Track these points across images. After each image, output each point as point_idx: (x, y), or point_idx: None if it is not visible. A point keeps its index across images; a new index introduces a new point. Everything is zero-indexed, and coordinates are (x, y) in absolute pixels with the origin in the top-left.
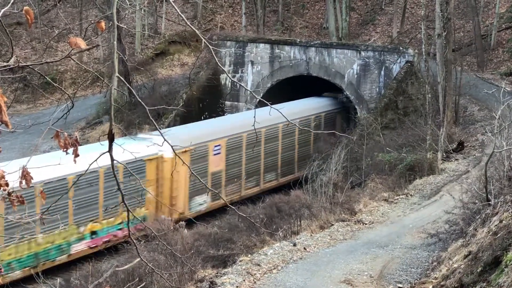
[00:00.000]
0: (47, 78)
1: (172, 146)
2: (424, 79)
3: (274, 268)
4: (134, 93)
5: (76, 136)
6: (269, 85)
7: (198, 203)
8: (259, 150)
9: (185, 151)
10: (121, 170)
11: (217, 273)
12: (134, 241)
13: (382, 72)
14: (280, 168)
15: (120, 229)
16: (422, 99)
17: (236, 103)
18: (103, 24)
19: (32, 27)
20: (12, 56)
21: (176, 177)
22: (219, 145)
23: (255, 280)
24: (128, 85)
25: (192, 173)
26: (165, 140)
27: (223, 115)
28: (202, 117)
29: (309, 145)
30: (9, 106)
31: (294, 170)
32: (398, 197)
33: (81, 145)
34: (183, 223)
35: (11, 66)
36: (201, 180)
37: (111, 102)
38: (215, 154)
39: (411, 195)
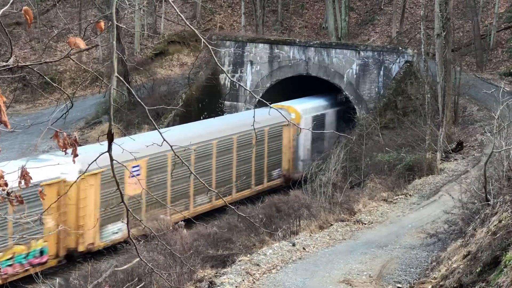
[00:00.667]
0: (46, 78)
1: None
2: (423, 79)
3: (273, 268)
4: (134, 93)
5: (75, 136)
6: (268, 85)
7: (112, 232)
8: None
9: (95, 174)
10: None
11: (216, 273)
12: (134, 241)
13: (381, 72)
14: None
15: (10, 265)
16: (421, 99)
17: (235, 103)
18: (102, 24)
19: (31, 27)
20: (11, 56)
21: (83, 203)
22: (138, 166)
23: (254, 280)
24: (127, 85)
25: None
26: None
27: (222, 114)
28: (202, 117)
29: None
30: (8, 106)
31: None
32: (397, 197)
33: (80, 145)
34: (182, 223)
35: (10, 66)
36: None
37: (111, 102)
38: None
39: (410, 195)
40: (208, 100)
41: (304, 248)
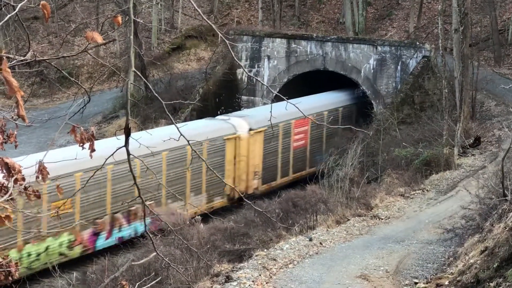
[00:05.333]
0: (64, 73)
1: None
2: (441, 74)
3: (290, 263)
4: (151, 87)
5: (93, 131)
6: (285, 79)
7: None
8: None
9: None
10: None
11: (233, 268)
12: (150, 235)
13: (399, 67)
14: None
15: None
16: (438, 94)
17: (252, 97)
18: (119, 18)
19: (49, 22)
20: (29, 51)
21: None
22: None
23: (271, 274)
24: (144, 79)
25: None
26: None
27: (240, 109)
28: (219, 112)
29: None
30: (26, 101)
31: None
32: (414, 192)
33: (97, 139)
34: (199, 217)
35: (28, 61)
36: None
37: (128, 97)
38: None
39: (427, 190)
40: (225, 95)
41: (321, 243)
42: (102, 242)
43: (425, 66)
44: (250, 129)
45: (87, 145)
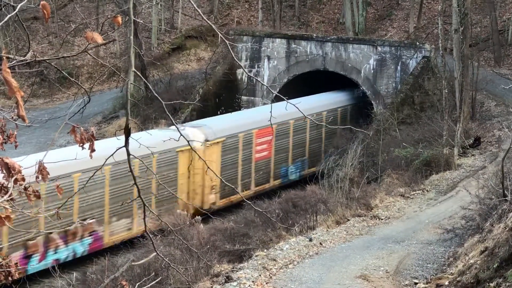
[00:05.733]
0: (64, 73)
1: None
2: (441, 74)
3: (290, 263)
4: (151, 87)
5: (93, 131)
6: (285, 80)
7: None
8: None
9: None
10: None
11: (233, 268)
12: (150, 235)
13: (399, 67)
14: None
15: None
16: (438, 95)
17: (252, 98)
18: (119, 18)
19: (49, 22)
20: (29, 51)
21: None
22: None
23: (271, 275)
24: (144, 79)
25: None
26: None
27: (240, 109)
28: (219, 112)
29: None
30: (26, 101)
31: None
32: (414, 192)
33: (97, 139)
34: (199, 217)
35: (28, 61)
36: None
37: (128, 97)
38: None
39: (427, 191)
40: (225, 95)
41: (321, 243)
42: (35, 265)
43: (425, 67)
44: (206, 140)
45: (87, 145)
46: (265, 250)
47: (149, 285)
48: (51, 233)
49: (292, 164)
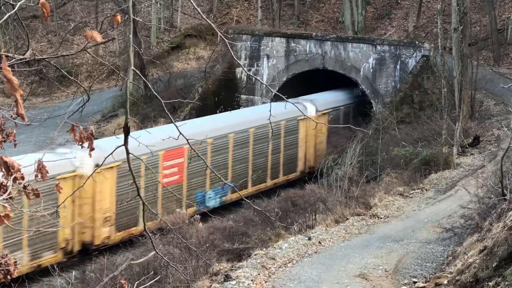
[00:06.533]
0: (63, 71)
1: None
2: (440, 73)
3: (289, 262)
4: (150, 86)
5: (92, 130)
6: (284, 79)
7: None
8: None
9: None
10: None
11: (232, 267)
12: (149, 234)
13: (398, 66)
14: None
15: None
16: (438, 94)
17: (251, 96)
18: (119, 17)
19: (48, 21)
20: (28, 49)
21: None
22: None
23: (270, 273)
24: (143, 78)
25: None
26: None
27: (239, 108)
28: (218, 111)
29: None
30: (25, 99)
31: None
32: (413, 191)
33: (96, 138)
34: (198, 216)
35: (27, 59)
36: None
37: (127, 96)
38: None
39: (426, 190)
40: (224, 94)
41: (320, 242)
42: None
43: (424, 66)
44: (97, 165)
45: (86, 144)
46: (264, 249)
47: (148, 284)
48: None
49: (211, 189)
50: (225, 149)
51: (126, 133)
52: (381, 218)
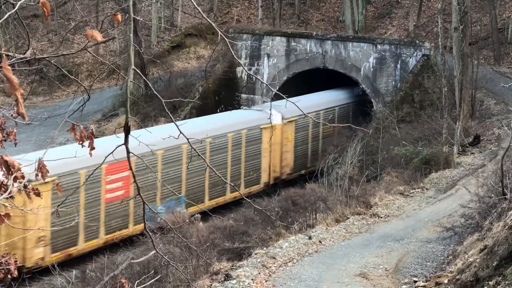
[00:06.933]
0: (64, 71)
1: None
2: (441, 72)
3: (290, 261)
4: (150, 85)
5: (92, 129)
6: (285, 78)
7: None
8: None
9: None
10: None
11: (232, 266)
12: (150, 233)
13: (398, 66)
14: None
15: None
16: (438, 93)
17: (252, 96)
18: (119, 16)
19: (48, 20)
20: (28, 48)
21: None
22: None
23: (270, 273)
24: (144, 77)
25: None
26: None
27: (239, 107)
28: (218, 110)
29: None
30: (26, 99)
31: None
32: (413, 190)
33: (97, 137)
34: (198, 215)
35: (27, 59)
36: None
37: (127, 95)
38: None
39: (426, 189)
40: (225, 93)
41: (320, 241)
42: None
43: (425, 65)
44: (29, 181)
45: (86, 143)
46: (265, 248)
47: (148, 283)
48: None
49: (163, 204)
50: (178, 160)
51: (127, 132)
52: (381, 217)
